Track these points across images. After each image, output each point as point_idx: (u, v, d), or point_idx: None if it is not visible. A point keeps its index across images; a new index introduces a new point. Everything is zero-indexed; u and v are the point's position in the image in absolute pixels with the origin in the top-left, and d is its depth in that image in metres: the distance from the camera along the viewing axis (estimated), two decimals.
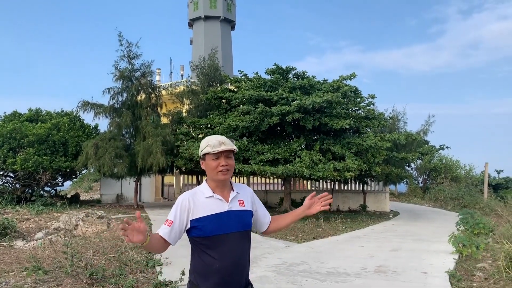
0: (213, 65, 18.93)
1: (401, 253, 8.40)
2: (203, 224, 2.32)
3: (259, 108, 14.09)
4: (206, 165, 2.43)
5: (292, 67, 16.64)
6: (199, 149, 2.50)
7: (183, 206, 2.36)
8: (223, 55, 32.02)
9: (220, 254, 2.32)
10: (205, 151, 2.41)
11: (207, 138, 2.48)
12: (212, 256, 2.31)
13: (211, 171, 2.41)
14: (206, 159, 2.42)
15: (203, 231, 2.32)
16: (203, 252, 2.34)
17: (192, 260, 2.41)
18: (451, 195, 23.06)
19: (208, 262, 2.31)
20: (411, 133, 17.94)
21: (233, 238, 2.36)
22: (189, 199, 2.37)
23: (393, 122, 22.08)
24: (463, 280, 6.16)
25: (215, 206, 2.37)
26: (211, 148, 2.40)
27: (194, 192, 2.44)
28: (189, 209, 2.35)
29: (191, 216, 2.34)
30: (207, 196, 2.39)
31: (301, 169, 13.28)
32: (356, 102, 16.69)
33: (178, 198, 2.42)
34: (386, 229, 12.54)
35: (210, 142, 2.42)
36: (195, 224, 2.33)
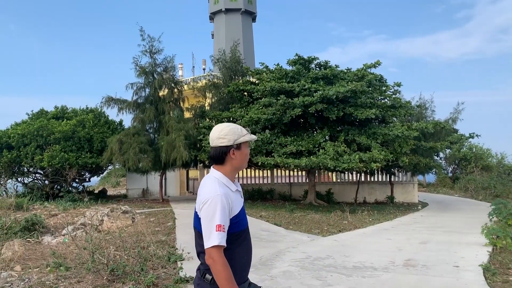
0: (235, 58, 18.77)
1: (431, 246, 8.08)
2: (240, 219, 2.22)
3: (281, 100, 13.87)
4: (241, 154, 2.29)
5: (314, 57, 16.31)
6: (232, 137, 2.26)
7: (227, 206, 2.14)
8: (245, 48, 31.80)
9: (247, 245, 2.29)
10: (247, 139, 2.30)
11: (234, 125, 2.32)
12: (243, 248, 2.25)
13: (244, 160, 2.32)
14: (243, 147, 2.29)
15: (238, 226, 2.21)
16: (238, 246, 2.22)
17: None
18: (482, 184, 22.30)
19: (241, 254, 2.24)
20: (439, 122, 17.36)
21: (248, 230, 2.35)
22: (227, 197, 2.17)
23: (420, 110, 21.47)
24: (498, 274, 5.83)
25: (240, 200, 2.31)
26: (250, 136, 2.33)
27: (222, 186, 2.22)
28: (230, 207, 2.17)
29: (231, 214, 2.18)
30: (234, 190, 2.27)
31: (325, 161, 13.01)
32: (381, 91, 16.25)
33: (216, 198, 2.14)
34: (415, 221, 12.17)
35: (244, 129, 2.32)
36: (234, 220, 2.19)
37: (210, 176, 2.31)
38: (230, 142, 2.25)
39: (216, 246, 2.06)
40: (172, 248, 7.30)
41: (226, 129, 2.28)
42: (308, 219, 11.97)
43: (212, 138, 2.30)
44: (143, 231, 8.76)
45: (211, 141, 2.30)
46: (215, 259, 2.06)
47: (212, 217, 2.09)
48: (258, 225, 10.80)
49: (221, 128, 2.30)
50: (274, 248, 7.82)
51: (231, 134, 2.26)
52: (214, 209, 2.10)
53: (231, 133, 2.26)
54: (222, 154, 2.26)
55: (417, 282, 5.53)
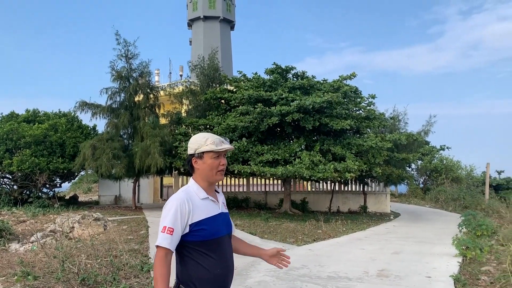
0: (213, 65, 18.75)
1: (404, 256, 8.20)
2: (203, 228, 2.17)
3: (258, 108, 13.91)
4: (204, 164, 2.26)
5: (291, 66, 16.47)
6: (194, 146, 2.28)
7: (183, 210, 2.14)
8: (223, 56, 31.85)
9: (219, 257, 2.23)
10: (208, 149, 2.26)
11: (203, 135, 2.31)
12: (213, 260, 2.19)
13: (210, 170, 2.27)
14: (205, 157, 2.26)
15: (202, 235, 2.17)
16: (203, 257, 2.18)
17: (186, 267, 2.20)
18: (452, 196, 22.87)
19: (210, 267, 2.18)
20: (412, 134, 17.73)
21: (225, 241, 2.30)
22: (187, 202, 2.17)
23: (394, 122, 21.89)
24: (468, 285, 5.96)
25: (210, 208, 2.25)
26: (216, 146, 2.27)
27: (188, 193, 2.23)
28: (189, 213, 2.15)
29: (191, 220, 2.16)
30: (202, 197, 2.24)
31: (301, 170, 13.09)
32: (356, 102, 16.51)
33: (173, 202, 2.17)
34: (388, 231, 12.35)
35: (211, 139, 2.28)
36: (195, 228, 2.16)
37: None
38: (192, 151, 2.28)
39: (158, 246, 2.11)
40: (145, 257, 7.16)
41: (193, 138, 2.32)
42: (283, 228, 11.99)
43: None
44: (115, 239, 8.58)
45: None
46: (155, 258, 2.11)
47: (164, 219, 2.13)
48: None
49: (192, 137, 2.35)
50: (250, 257, 7.77)
51: (193, 143, 2.28)
52: (168, 211, 2.14)
53: (194, 142, 2.28)
54: (188, 162, 2.32)
55: None
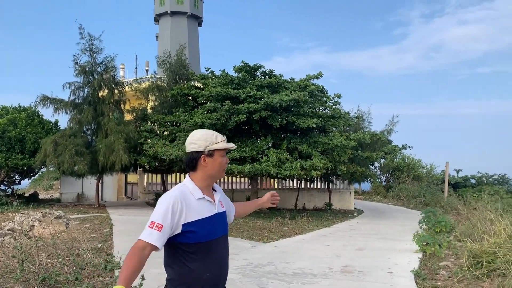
0: (180, 61, 18.54)
1: (367, 252, 8.41)
2: (197, 229, 2.08)
3: (226, 105, 13.87)
4: (214, 161, 2.18)
5: (259, 65, 16.49)
6: (203, 143, 2.17)
7: (175, 207, 2.04)
8: (190, 52, 31.54)
9: (211, 261, 2.13)
10: (220, 146, 2.19)
11: (209, 131, 2.23)
12: (203, 264, 2.10)
13: (218, 168, 2.21)
14: (215, 155, 2.18)
15: (195, 237, 2.08)
16: (192, 260, 2.09)
17: (176, 269, 2.11)
18: (413, 193, 23.60)
19: (199, 271, 2.09)
20: (376, 133, 18.16)
21: (220, 243, 2.21)
22: (181, 200, 2.08)
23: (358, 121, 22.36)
24: (428, 279, 6.18)
25: (206, 209, 2.16)
26: (226, 144, 2.22)
27: (183, 192, 2.13)
28: (181, 212, 2.06)
29: (184, 220, 2.06)
30: (198, 197, 2.15)
31: (268, 168, 13.17)
32: (322, 101, 16.74)
33: (166, 198, 2.08)
34: (351, 228, 12.62)
35: (219, 136, 2.22)
36: (188, 228, 2.06)
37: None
38: (201, 148, 2.16)
39: (139, 240, 2.01)
40: (109, 256, 7.03)
41: (198, 134, 2.20)
42: (250, 225, 12.03)
43: (186, 144, 2.24)
44: (78, 238, 8.36)
45: (185, 146, 2.23)
46: (131, 249, 2.01)
47: (153, 215, 2.05)
48: None
49: (194, 133, 2.23)
50: None
51: (203, 140, 2.17)
52: (159, 207, 2.05)
53: (203, 139, 2.18)
54: (193, 160, 2.18)
55: None
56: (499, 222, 7.01)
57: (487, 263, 6.08)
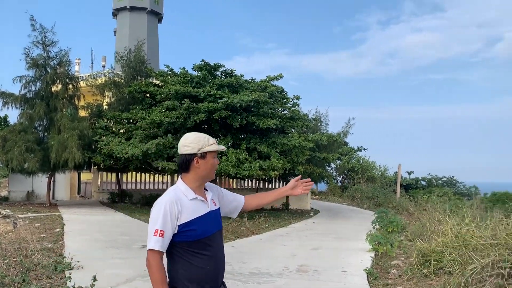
0: (139, 57, 18.17)
1: (322, 252, 8.57)
2: (192, 228, 2.22)
3: (185, 104, 13.72)
4: (206, 163, 2.31)
5: (220, 64, 16.44)
6: (196, 146, 2.28)
7: (172, 212, 2.18)
8: (149, 48, 30.96)
9: (210, 256, 2.27)
10: (213, 148, 2.31)
11: (201, 134, 2.35)
12: (204, 259, 2.24)
13: (210, 169, 2.33)
14: (208, 157, 2.30)
15: (191, 236, 2.21)
16: (193, 256, 2.22)
17: (177, 267, 2.24)
18: (367, 194, 24.26)
19: (202, 265, 2.23)
20: (333, 135, 18.58)
21: (216, 238, 2.34)
22: (176, 203, 2.21)
23: (316, 123, 22.79)
24: (379, 278, 6.39)
25: (200, 208, 2.29)
26: (217, 146, 2.34)
27: (176, 194, 2.27)
28: (177, 214, 2.19)
29: (179, 221, 2.20)
30: (191, 198, 2.27)
31: (227, 168, 13.15)
32: (282, 102, 16.91)
33: (162, 204, 2.21)
34: (308, 227, 12.82)
35: (211, 138, 2.34)
36: (184, 228, 2.20)
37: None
38: (194, 150, 2.28)
39: (151, 250, 2.14)
40: (59, 257, 6.77)
41: (191, 137, 2.32)
42: None
43: (179, 146, 2.33)
44: (26, 238, 8.01)
45: (178, 149, 2.33)
46: (150, 262, 2.14)
47: (154, 222, 2.16)
48: None
49: (187, 136, 2.34)
50: None
51: (196, 143, 2.29)
52: (157, 214, 2.17)
53: (196, 142, 2.29)
54: (186, 162, 2.29)
55: (309, 287, 5.82)
56: (446, 222, 7.34)
57: (435, 261, 6.36)
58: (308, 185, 2.66)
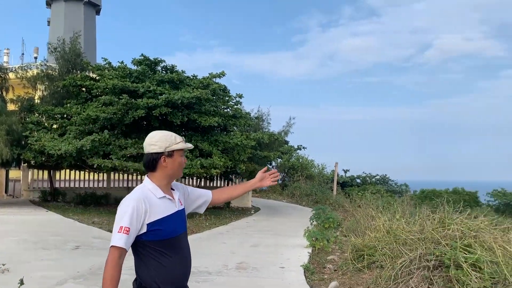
0: (75, 50, 17.32)
1: (261, 249, 8.68)
2: (161, 227, 2.17)
3: (123, 99, 13.28)
4: (174, 162, 2.27)
5: (160, 59, 16.09)
6: (163, 144, 2.24)
7: (139, 209, 2.12)
8: (85, 40, 29.62)
9: (178, 256, 2.24)
10: (180, 147, 2.27)
11: (168, 132, 2.31)
12: (172, 259, 2.20)
13: (177, 168, 2.29)
14: (175, 155, 2.27)
15: (160, 234, 2.17)
16: (162, 256, 2.18)
17: (147, 268, 2.18)
18: (306, 191, 24.87)
19: (170, 266, 2.19)
20: (274, 133, 18.85)
21: (183, 239, 2.32)
22: (144, 201, 2.16)
23: (258, 122, 23.02)
24: (316, 273, 6.57)
25: (168, 207, 2.25)
26: (184, 144, 2.31)
27: (143, 192, 2.21)
28: (145, 212, 2.14)
29: (148, 220, 2.14)
30: (159, 196, 2.23)
31: None
32: (224, 100, 16.88)
33: (130, 201, 2.16)
34: (248, 225, 12.92)
35: (178, 137, 2.31)
36: (152, 227, 2.15)
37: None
38: (161, 149, 2.24)
39: (113, 246, 2.08)
40: None
41: (158, 135, 2.28)
42: None
43: (144, 145, 2.27)
44: None
45: (144, 148, 2.27)
46: (108, 259, 2.09)
47: (120, 219, 2.11)
48: (89, 232, 10.11)
49: (153, 134, 2.29)
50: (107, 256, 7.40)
51: (162, 141, 2.25)
52: (123, 211, 2.12)
53: (162, 140, 2.25)
54: (153, 161, 2.25)
55: (247, 284, 5.87)
56: (379, 218, 7.70)
57: (368, 256, 6.65)
58: (276, 176, 2.67)
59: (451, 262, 4.72)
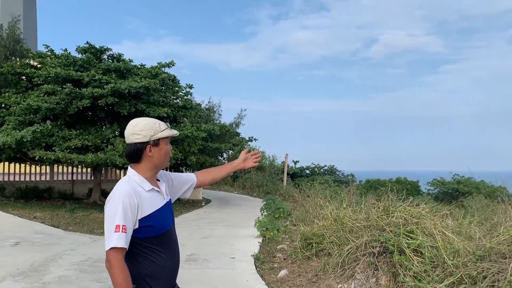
0: (13, 35, 16.30)
1: (212, 240, 8.65)
2: (152, 223, 2.05)
3: (67, 88, 12.68)
4: (160, 151, 2.13)
5: (107, 47, 15.51)
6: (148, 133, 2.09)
7: (132, 204, 1.98)
8: (26, 26, 27.95)
9: (170, 251, 2.16)
10: (165, 134, 2.13)
11: (152, 119, 2.15)
12: (164, 255, 2.11)
13: (164, 157, 2.16)
14: (161, 144, 2.13)
15: (151, 231, 2.06)
16: (154, 253, 2.07)
17: (138, 265, 2.06)
18: (257, 182, 25.08)
19: (162, 262, 2.09)
20: (225, 125, 18.76)
21: (172, 232, 2.24)
22: (135, 195, 2.01)
23: (209, 113, 22.83)
24: (266, 262, 6.65)
25: (157, 200, 2.13)
26: (170, 131, 2.17)
27: (131, 186, 2.06)
28: (138, 207, 2.01)
29: (140, 215, 2.02)
30: (148, 189, 2.10)
31: (114, 158, 12.51)
32: (174, 91, 16.58)
33: (119, 197, 2.00)
34: (199, 217, 12.83)
35: (162, 124, 2.16)
36: (143, 223, 2.03)
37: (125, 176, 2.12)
38: (146, 138, 2.09)
39: (114, 248, 1.93)
40: None
41: (142, 123, 2.12)
42: (91, 218, 11.31)
43: (126, 135, 2.09)
44: None
45: (126, 138, 2.09)
46: (112, 262, 1.93)
47: (113, 217, 1.96)
48: (31, 227, 9.63)
49: (135, 123, 2.11)
50: (50, 251, 7.09)
51: (147, 129, 2.10)
52: (115, 208, 1.97)
53: (147, 128, 2.10)
54: (137, 151, 2.10)
55: (198, 276, 5.83)
56: (327, 207, 7.88)
57: (316, 244, 6.80)
58: (258, 157, 2.64)
59: (394, 248, 4.92)
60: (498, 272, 3.83)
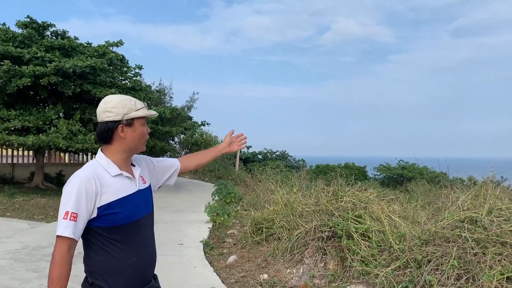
0: None
1: (160, 226, 8.41)
2: (115, 211, 1.82)
3: (5, 65, 11.83)
4: (134, 132, 1.89)
5: (50, 23, 14.61)
6: (121, 111, 1.85)
7: (88, 190, 1.76)
8: None
9: (135, 245, 1.90)
10: (141, 114, 1.89)
11: (127, 97, 1.91)
12: (126, 249, 1.86)
13: (138, 139, 1.93)
14: (136, 124, 1.89)
15: (113, 220, 1.82)
16: (113, 246, 1.83)
17: (96, 259, 1.84)
18: (208, 167, 24.83)
19: (122, 257, 1.84)
20: (176, 108, 18.35)
21: (145, 223, 1.98)
22: (94, 180, 1.79)
23: (160, 95, 22.27)
24: (215, 248, 6.55)
25: (125, 187, 1.89)
26: (147, 111, 1.93)
27: (94, 170, 1.83)
28: (96, 193, 1.78)
29: (99, 202, 1.79)
30: (114, 174, 1.86)
31: (57, 140, 11.88)
32: (122, 71, 15.94)
33: (75, 181, 1.78)
34: None
35: (139, 102, 1.91)
36: (105, 211, 1.80)
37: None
38: (118, 117, 1.86)
39: (59, 237, 1.73)
40: None
41: (115, 100, 1.88)
42: (32, 204, 10.71)
43: (98, 112, 1.85)
44: None
45: (98, 115, 1.84)
46: (54, 253, 1.74)
47: (65, 203, 1.75)
48: None
49: (109, 99, 1.87)
50: None
51: (120, 107, 1.86)
52: (69, 193, 1.76)
53: (120, 106, 1.87)
54: (108, 131, 1.87)
55: None
56: (278, 192, 7.89)
57: (266, 229, 6.78)
58: (243, 140, 2.48)
59: (343, 232, 4.97)
60: (442, 256, 3.95)
